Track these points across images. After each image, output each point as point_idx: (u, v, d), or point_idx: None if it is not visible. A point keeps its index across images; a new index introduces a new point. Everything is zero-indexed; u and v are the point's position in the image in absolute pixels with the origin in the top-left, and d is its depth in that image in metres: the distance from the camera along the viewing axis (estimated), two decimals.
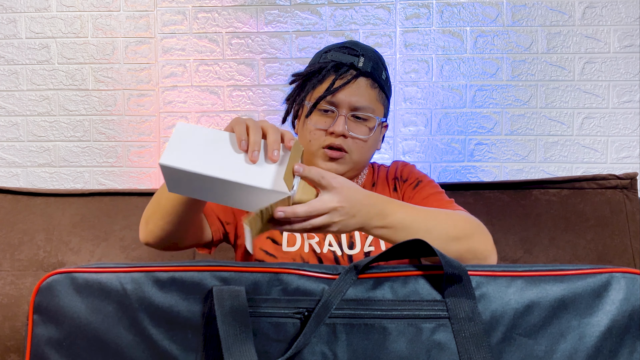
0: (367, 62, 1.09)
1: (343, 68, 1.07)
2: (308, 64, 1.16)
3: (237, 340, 0.60)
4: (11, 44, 1.79)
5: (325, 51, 1.13)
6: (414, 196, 1.11)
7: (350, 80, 1.06)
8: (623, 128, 1.70)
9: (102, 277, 0.65)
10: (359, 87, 1.07)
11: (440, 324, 0.62)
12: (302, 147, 0.76)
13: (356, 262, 0.64)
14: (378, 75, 1.10)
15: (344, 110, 1.06)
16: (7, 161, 1.79)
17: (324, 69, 1.08)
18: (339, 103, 1.06)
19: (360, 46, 1.12)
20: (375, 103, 1.09)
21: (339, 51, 1.10)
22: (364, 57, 1.09)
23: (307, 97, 1.11)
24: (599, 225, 1.43)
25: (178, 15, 1.76)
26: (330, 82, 1.07)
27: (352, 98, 1.06)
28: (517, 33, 1.72)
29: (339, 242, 1.08)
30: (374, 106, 1.08)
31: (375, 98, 1.09)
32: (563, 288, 0.63)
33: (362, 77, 1.08)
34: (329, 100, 1.06)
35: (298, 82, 1.14)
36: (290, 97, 1.16)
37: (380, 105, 1.10)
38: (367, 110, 1.07)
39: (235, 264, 0.65)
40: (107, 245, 1.50)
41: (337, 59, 1.09)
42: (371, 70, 1.08)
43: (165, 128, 1.77)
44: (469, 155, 1.73)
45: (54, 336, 0.64)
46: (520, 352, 0.61)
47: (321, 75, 1.08)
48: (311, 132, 1.09)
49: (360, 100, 1.06)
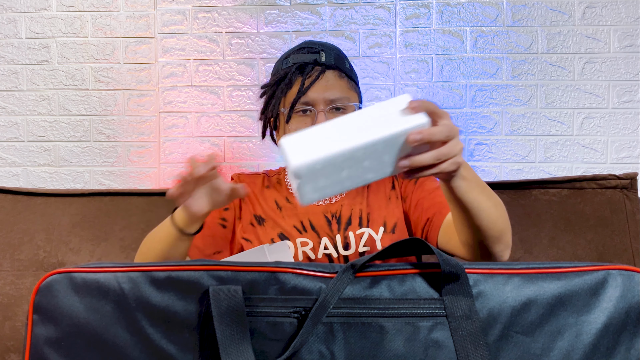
0: (329, 56, 1.11)
1: (308, 67, 1.09)
2: (271, 74, 1.17)
3: (234, 340, 0.60)
4: (11, 44, 1.79)
5: (284, 57, 1.15)
6: (415, 191, 1.11)
7: (319, 76, 1.08)
8: (623, 128, 1.70)
9: (100, 276, 0.65)
10: (328, 80, 1.08)
11: (437, 322, 0.62)
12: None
13: (353, 261, 0.64)
14: (342, 65, 1.12)
15: (321, 106, 1.07)
16: (7, 161, 1.80)
17: (289, 72, 1.10)
18: (314, 101, 1.07)
19: (317, 43, 1.14)
20: (348, 91, 1.10)
21: (299, 53, 1.12)
22: (324, 51, 1.11)
23: (280, 104, 1.11)
24: (599, 225, 1.42)
25: (178, 15, 1.76)
26: (300, 83, 1.08)
27: (325, 93, 1.07)
28: (517, 33, 1.71)
29: (334, 243, 1.08)
30: (348, 94, 1.10)
31: (347, 87, 1.10)
32: (560, 285, 0.63)
33: (328, 71, 1.09)
34: (304, 100, 1.07)
35: (268, 93, 1.15)
36: (263, 110, 1.18)
37: (353, 93, 1.12)
38: (343, 100, 1.08)
39: (232, 263, 0.64)
40: (107, 245, 1.50)
41: (299, 60, 1.10)
42: (335, 62, 1.10)
43: (165, 128, 1.77)
44: (469, 155, 1.72)
45: (52, 336, 0.64)
46: (517, 349, 0.61)
47: (288, 79, 1.09)
48: None
49: (334, 93, 1.07)
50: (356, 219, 1.10)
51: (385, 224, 1.09)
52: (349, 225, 1.10)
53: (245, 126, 1.76)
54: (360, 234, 1.08)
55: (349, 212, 1.11)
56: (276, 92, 1.12)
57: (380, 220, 1.10)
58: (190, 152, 1.77)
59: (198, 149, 1.76)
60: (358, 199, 1.13)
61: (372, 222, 1.09)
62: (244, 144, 1.76)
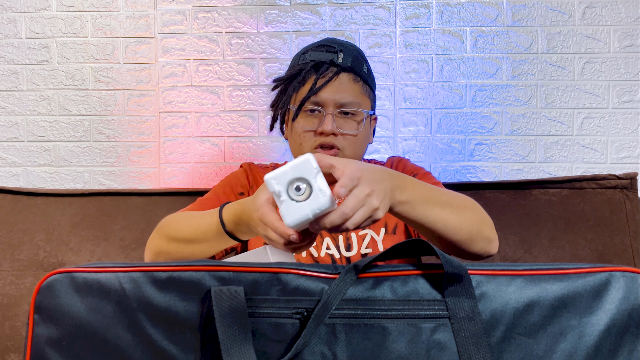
0: (347, 57, 1.07)
1: (323, 66, 1.06)
2: (288, 67, 1.15)
3: (236, 341, 0.59)
4: (11, 44, 1.79)
5: (303, 52, 1.11)
6: None
7: (332, 78, 1.05)
8: (623, 128, 1.70)
9: (101, 276, 0.65)
10: (342, 83, 1.06)
11: (440, 323, 0.62)
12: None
13: (356, 262, 0.64)
14: (359, 68, 1.08)
15: (330, 109, 1.04)
16: (7, 161, 1.79)
17: (304, 70, 1.07)
18: (324, 102, 1.05)
19: (338, 42, 1.10)
20: (361, 97, 1.07)
21: (317, 50, 1.09)
22: (343, 52, 1.07)
23: (290, 100, 1.09)
24: (599, 225, 1.42)
25: (178, 15, 1.76)
26: (313, 82, 1.05)
27: (336, 95, 1.04)
28: (517, 33, 1.71)
29: (337, 244, 1.08)
30: (360, 100, 1.07)
31: (360, 92, 1.07)
32: (563, 287, 0.62)
33: (343, 73, 1.06)
34: (314, 100, 1.05)
35: (280, 87, 1.13)
36: (274, 103, 1.15)
37: (366, 99, 1.09)
38: (353, 105, 1.05)
39: (233, 263, 0.64)
40: (107, 245, 1.50)
41: (316, 58, 1.07)
42: (352, 64, 1.07)
43: (165, 128, 1.77)
44: (469, 155, 1.72)
45: (53, 336, 0.64)
46: (520, 351, 0.61)
47: (302, 77, 1.07)
48: (300, 135, 1.07)
49: (345, 96, 1.05)
50: None
51: (387, 225, 1.09)
52: None
53: (245, 126, 1.76)
54: (363, 236, 1.08)
55: None
56: (288, 88, 1.09)
57: (382, 222, 1.09)
58: (190, 152, 1.77)
59: (198, 149, 1.76)
60: None
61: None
62: (244, 144, 1.76)
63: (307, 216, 0.66)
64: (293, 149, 1.13)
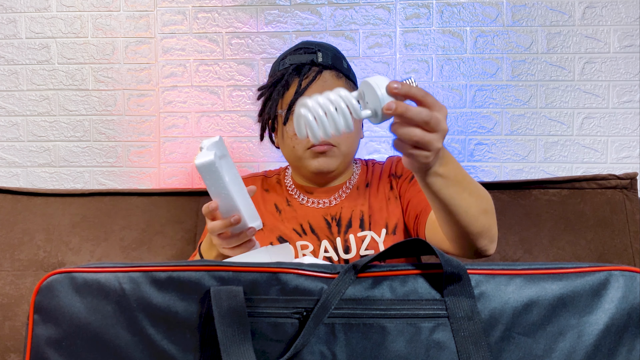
0: (326, 56, 1.09)
1: (305, 68, 1.07)
2: (268, 75, 1.16)
3: (235, 341, 0.59)
4: (11, 44, 1.79)
5: (281, 58, 1.13)
6: (409, 189, 1.10)
7: (316, 77, 1.06)
8: (623, 128, 1.70)
9: (101, 276, 0.65)
10: (326, 81, 1.07)
11: (439, 323, 0.62)
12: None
13: (355, 262, 0.64)
14: (340, 65, 1.10)
15: None
16: (7, 161, 1.79)
17: (286, 74, 1.08)
18: None
19: (314, 43, 1.13)
20: None
21: (295, 54, 1.11)
22: (321, 52, 1.09)
23: (277, 106, 1.10)
24: (599, 225, 1.42)
25: (178, 15, 1.76)
26: (297, 84, 1.06)
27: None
28: (517, 33, 1.71)
29: (334, 246, 1.08)
30: None
31: (345, 87, 1.09)
32: (562, 286, 0.62)
33: (325, 71, 1.08)
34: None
35: (265, 95, 1.14)
36: (261, 112, 1.16)
37: None
38: None
39: (233, 263, 0.64)
40: (107, 245, 1.50)
41: (296, 60, 1.09)
42: (332, 62, 1.09)
43: (165, 128, 1.77)
44: (469, 155, 1.72)
45: (53, 336, 0.64)
46: (519, 351, 0.61)
47: (285, 81, 1.08)
48: (292, 139, 1.09)
49: None
50: (357, 221, 1.10)
51: (387, 226, 1.09)
52: (350, 227, 1.09)
53: (245, 126, 1.76)
54: (362, 237, 1.08)
55: (349, 214, 1.11)
56: (273, 93, 1.11)
57: (382, 222, 1.09)
58: (190, 152, 1.77)
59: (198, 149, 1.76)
60: (359, 200, 1.13)
61: (373, 224, 1.09)
62: (244, 144, 1.76)
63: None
64: (286, 153, 1.13)
